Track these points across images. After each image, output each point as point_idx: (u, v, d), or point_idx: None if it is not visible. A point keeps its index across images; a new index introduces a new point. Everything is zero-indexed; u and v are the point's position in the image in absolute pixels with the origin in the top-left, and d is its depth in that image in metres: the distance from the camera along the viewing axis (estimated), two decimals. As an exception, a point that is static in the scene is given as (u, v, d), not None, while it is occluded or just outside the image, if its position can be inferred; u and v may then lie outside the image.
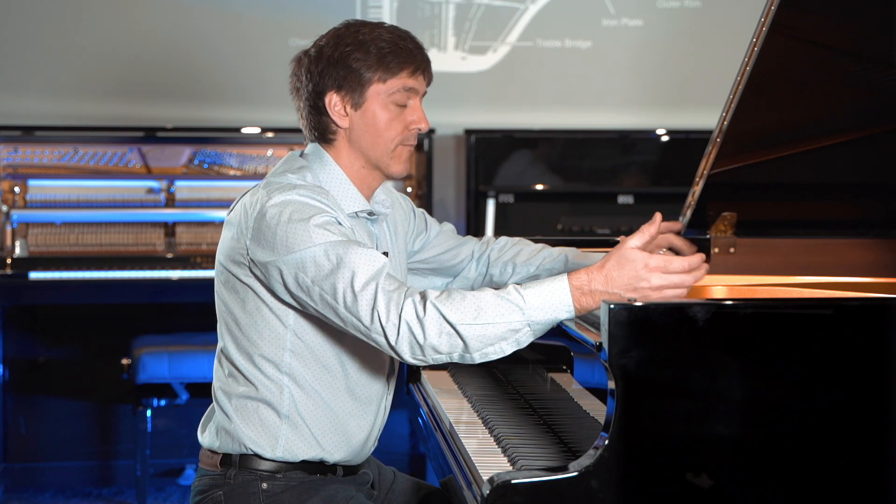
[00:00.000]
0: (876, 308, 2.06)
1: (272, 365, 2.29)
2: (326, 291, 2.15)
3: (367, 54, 2.32)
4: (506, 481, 2.00)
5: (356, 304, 2.12)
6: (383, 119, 2.34)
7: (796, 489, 2.02)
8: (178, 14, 5.29)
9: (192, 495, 2.39)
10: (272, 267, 2.21)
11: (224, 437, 2.33)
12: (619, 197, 5.25)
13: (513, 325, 2.07)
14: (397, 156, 2.37)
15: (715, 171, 2.87)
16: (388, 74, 2.32)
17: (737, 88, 2.69)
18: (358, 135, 2.36)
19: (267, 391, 2.30)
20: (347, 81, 2.33)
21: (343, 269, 2.14)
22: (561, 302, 2.07)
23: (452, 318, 2.07)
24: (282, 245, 2.18)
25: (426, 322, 2.08)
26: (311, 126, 2.43)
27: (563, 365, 2.72)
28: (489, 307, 2.07)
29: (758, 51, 2.61)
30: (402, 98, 2.35)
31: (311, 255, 2.16)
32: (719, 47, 5.48)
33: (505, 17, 5.45)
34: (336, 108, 2.36)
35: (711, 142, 2.82)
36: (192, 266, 4.84)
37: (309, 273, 2.16)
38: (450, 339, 2.07)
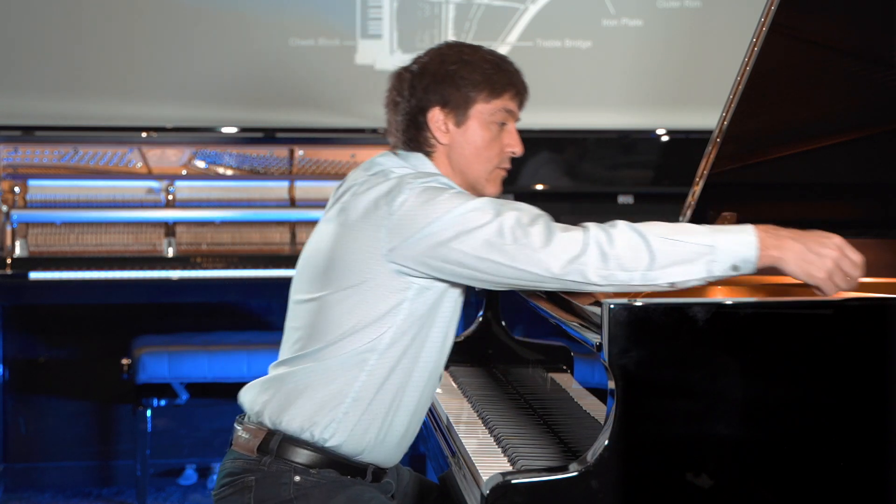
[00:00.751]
0: (876, 308, 2.06)
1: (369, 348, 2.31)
2: (492, 233, 2.17)
3: (474, 73, 2.37)
4: (506, 481, 2.00)
5: (527, 234, 2.16)
6: (483, 138, 2.39)
7: (796, 489, 2.02)
8: (178, 14, 5.28)
9: (222, 475, 2.40)
10: (419, 238, 2.21)
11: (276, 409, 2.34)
12: (619, 197, 5.25)
13: (700, 247, 2.12)
14: (493, 178, 2.43)
15: (715, 172, 2.87)
16: (493, 95, 2.38)
17: (737, 88, 2.69)
18: (457, 152, 2.40)
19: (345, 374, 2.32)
20: (453, 98, 2.37)
21: (506, 212, 2.19)
22: (747, 237, 2.12)
23: (642, 229, 2.14)
24: (436, 210, 2.21)
25: (614, 234, 2.14)
26: (406, 139, 2.43)
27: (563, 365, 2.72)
28: (678, 227, 2.15)
29: (758, 51, 2.61)
30: (500, 119, 2.40)
31: (470, 207, 2.20)
32: (719, 47, 5.48)
33: (505, 17, 5.45)
34: (438, 123, 2.39)
35: (711, 142, 2.82)
36: (192, 266, 4.84)
37: (470, 224, 2.18)
38: (636, 253, 2.12)
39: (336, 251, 2.33)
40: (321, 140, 5.17)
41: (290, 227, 5.03)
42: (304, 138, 5.16)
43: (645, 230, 2.15)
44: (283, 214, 5.05)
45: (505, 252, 2.17)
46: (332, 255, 2.33)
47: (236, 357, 4.62)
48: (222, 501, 2.38)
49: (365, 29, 5.31)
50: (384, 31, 5.36)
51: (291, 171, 5.14)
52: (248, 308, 5.23)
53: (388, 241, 2.25)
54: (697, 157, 2.92)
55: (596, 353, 2.05)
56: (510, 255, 2.17)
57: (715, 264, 2.12)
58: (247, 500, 2.33)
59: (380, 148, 5.15)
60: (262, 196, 5.10)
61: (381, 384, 2.33)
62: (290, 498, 2.32)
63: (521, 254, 2.16)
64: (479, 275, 2.22)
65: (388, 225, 2.25)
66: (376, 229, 2.27)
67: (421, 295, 2.30)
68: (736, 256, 2.12)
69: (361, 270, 2.28)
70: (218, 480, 2.42)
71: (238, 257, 4.90)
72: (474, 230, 2.18)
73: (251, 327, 5.10)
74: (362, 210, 2.30)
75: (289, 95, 5.31)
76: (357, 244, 2.29)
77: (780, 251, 2.12)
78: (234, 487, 2.36)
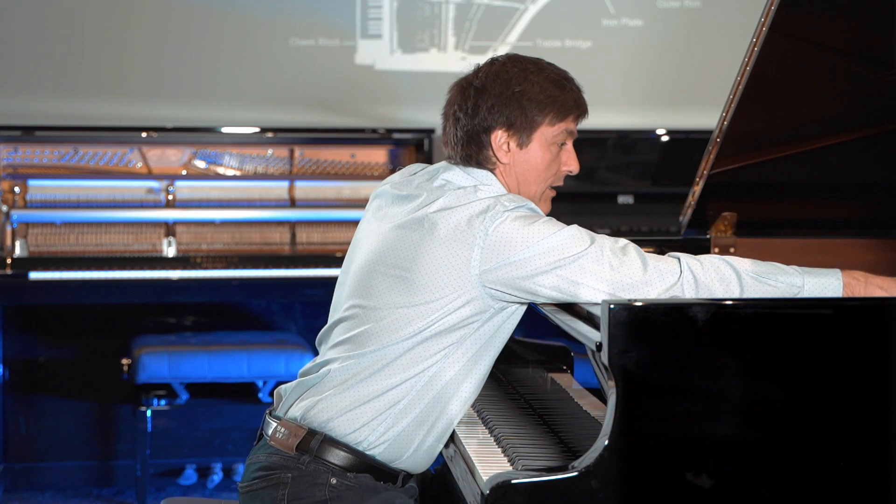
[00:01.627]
0: (876, 308, 2.06)
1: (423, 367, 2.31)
2: (590, 260, 2.20)
3: (540, 96, 2.37)
4: (506, 481, 2.00)
5: (623, 265, 2.19)
6: (544, 160, 2.40)
7: (796, 489, 2.02)
8: (179, 14, 5.28)
9: (254, 468, 2.39)
10: (517, 262, 2.22)
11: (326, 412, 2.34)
12: (619, 197, 5.25)
13: (791, 289, 2.19)
14: (546, 198, 2.45)
15: (715, 171, 2.87)
16: (557, 118, 2.38)
17: (737, 88, 2.69)
18: (517, 171, 2.40)
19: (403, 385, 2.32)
20: (518, 121, 2.37)
21: (599, 240, 2.23)
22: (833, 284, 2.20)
23: (734, 263, 2.20)
24: (532, 237, 2.22)
25: (706, 264, 2.20)
26: (465, 154, 2.42)
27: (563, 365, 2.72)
28: (768, 266, 2.21)
29: (758, 51, 2.61)
30: (562, 139, 2.41)
31: (566, 234, 2.23)
32: (719, 47, 5.48)
33: (505, 17, 5.45)
34: (501, 144, 2.39)
35: (711, 142, 2.82)
36: (192, 266, 4.84)
37: (567, 250, 2.21)
38: (727, 286, 2.18)
39: (419, 265, 2.30)
40: (321, 140, 5.17)
41: (290, 227, 5.03)
42: (304, 138, 5.16)
43: (736, 264, 2.20)
44: (283, 214, 5.05)
45: (603, 279, 2.19)
46: (414, 268, 2.30)
47: (236, 357, 4.62)
48: (253, 493, 2.37)
49: (365, 29, 5.31)
50: (384, 31, 5.36)
51: (291, 171, 5.14)
52: (248, 308, 5.23)
53: (481, 263, 2.25)
54: (697, 157, 2.92)
55: (596, 352, 2.05)
56: (609, 282, 2.19)
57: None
58: (280, 496, 2.33)
59: (380, 148, 5.17)
60: (262, 196, 5.10)
61: (435, 396, 2.33)
62: (324, 499, 2.32)
63: (619, 280, 2.18)
64: (573, 300, 2.23)
65: (483, 245, 2.25)
66: (468, 248, 2.26)
67: (494, 317, 2.32)
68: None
69: (444, 286, 2.28)
70: (248, 472, 2.41)
71: (238, 257, 4.90)
72: (573, 257, 2.20)
73: (251, 327, 5.10)
74: (453, 227, 2.28)
75: (289, 95, 5.31)
76: (445, 262, 2.28)
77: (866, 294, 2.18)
78: (267, 482, 2.36)
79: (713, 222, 3.04)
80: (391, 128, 5.18)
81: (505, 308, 2.32)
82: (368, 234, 2.44)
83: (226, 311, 5.19)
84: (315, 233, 5.03)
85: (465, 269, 2.26)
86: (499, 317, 2.33)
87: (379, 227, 2.42)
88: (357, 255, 2.45)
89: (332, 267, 4.82)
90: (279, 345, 4.74)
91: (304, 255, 4.95)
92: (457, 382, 2.34)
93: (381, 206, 2.46)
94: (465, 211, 2.28)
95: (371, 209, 2.49)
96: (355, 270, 2.43)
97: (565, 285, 2.21)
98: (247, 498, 2.39)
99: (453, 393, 2.35)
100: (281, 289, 4.88)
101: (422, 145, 5.12)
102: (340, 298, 2.47)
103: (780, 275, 2.19)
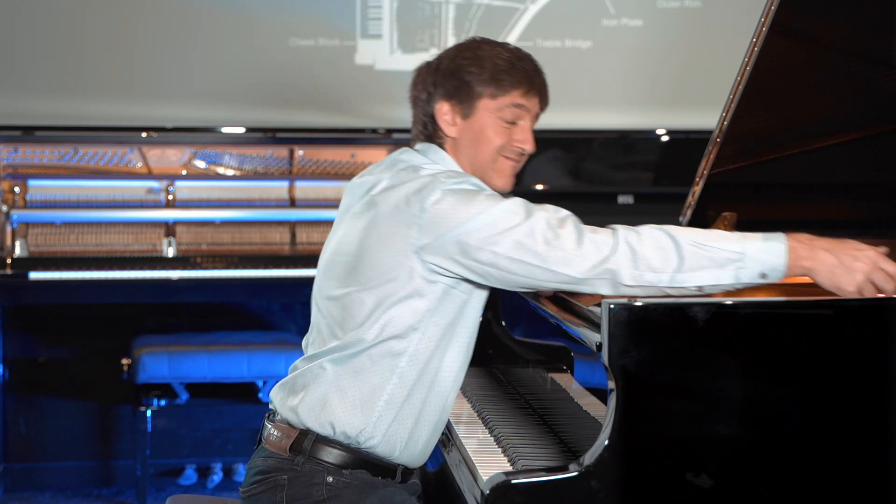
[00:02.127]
0: (876, 308, 2.06)
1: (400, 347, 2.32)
2: (523, 234, 2.20)
3: (482, 70, 2.39)
4: (506, 481, 2.00)
5: (558, 237, 2.19)
6: (489, 130, 2.41)
7: (796, 489, 2.02)
8: (179, 14, 5.28)
9: (252, 472, 2.40)
10: (454, 235, 2.23)
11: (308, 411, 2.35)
12: (619, 197, 5.25)
13: (729, 253, 2.15)
14: (499, 169, 2.42)
15: (715, 171, 2.87)
16: (499, 91, 2.39)
17: (737, 88, 2.69)
18: (464, 143, 2.42)
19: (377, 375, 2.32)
20: (458, 92, 2.40)
21: (536, 213, 2.22)
22: (777, 246, 2.16)
23: (672, 232, 2.17)
24: (467, 211, 2.23)
25: (643, 235, 2.17)
26: (420, 132, 2.48)
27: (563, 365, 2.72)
28: (708, 232, 2.18)
29: (758, 51, 2.61)
30: (511, 115, 2.41)
31: (501, 208, 2.22)
32: (719, 47, 5.48)
33: (505, 17, 5.45)
34: (445, 116, 2.42)
35: (711, 142, 2.82)
36: (192, 266, 4.84)
37: (500, 225, 2.21)
38: (665, 255, 2.14)
39: (365, 247, 2.34)
40: (321, 140, 5.17)
41: (290, 227, 5.03)
42: (304, 138, 5.16)
43: (675, 233, 2.18)
44: (283, 214, 5.05)
45: (536, 254, 2.20)
46: (361, 251, 2.34)
47: (236, 357, 4.62)
48: (252, 499, 2.38)
49: (365, 29, 5.31)
50: (384, 31, 5.36)
51: (291, 171, 5.14)
52: (248, 308, 5.23)
53: (419, 239, 2.27)
54: (697, 157, 2.92)
55: (596, 353, 2.05)
56: (541, 257, 2.19)
57: (743, 271, 2.15)
58: (279, 499, 2.34)
59: (380, 148, 5.16)
60: (262, 196, 5.10)
61: (413, 385, 2.33)
62: (322, 498, 2.32)
63: (553, 255, 2.19)
64: (509, 276, 2.23)
65: (420, 223, 2.26)
66: (407, 226, 2.28)
67: (448, 295, 2.32)
68: (765, 264, 2.15)
69: (391, 267, 2.30)
70: (247, 478, 2.42)
71: (238, 257, 4.90)
72: (506, 231, 2.21)
73: (251, 327, 5.10)
74: (392, 206, 2.31)
75: (289, 95, 5.31)
76: (386, 240, 2.30)
77: (811, 262, 2.16)
78: (265, 485, 2.37)
79: (713, 222, 3.03)
80: (391, 128, 5.18)
81: (455, 288, 2.32)
82: (333, 232, 2.48)
83: (226, 311, 5.19)
84: (315, 233, 5.03)
85: (406, 247, 2.28)
86: (453, 297, 2.32)
87: (339, 221, 2.46)
88: (325, 254, 2.48)
89: (332, 267, 4.82)
90: (279, 345, 4.74)
91: (304, 255, 4.95)
92: (431, 371, 2.34)
93: (345, 201, 2.49)
94: (404, 189, 2.31)
95: (341, 208, 2.52)
96: (321, 269, 2.47)
97: (501, 261, 2.21)
98: (248, 503, 2.40)
99: (432, 380, 2.35)
100: (281, 289, 4.89)
101: (422, 145, 5.11)
102: (314, 297, 2.50)
103: (719, 240, 2.17)
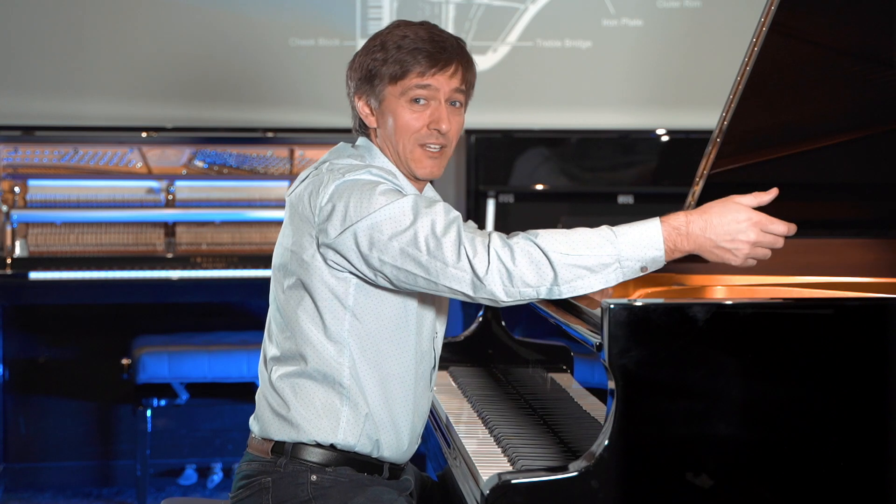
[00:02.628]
0: (876, 308, 2.06)
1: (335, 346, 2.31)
2: (406, 243, 2.18)
3: (385, 54, 2.36)
4: (506, 481, 2.00)
5: (440, 247, 2.17)
6: (401, 118, 2.36)
7: (796, 489, 2.02)
8: (179, 14, 5.28)
9: (238, 478, 2.41)
10: (345, 237, 2.23)
11: (280, 425, 2.35)
12: (619, 197, 5.25)
13: (603, 258, 2.13)
14: (419, 157, 2.38)
15: (715, 171, 2.87)
16: (396, 77, 2.35)
17: (737, 88, 2.69)
18: (384, 133, 2.40)
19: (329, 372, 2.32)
20: (365, 83, 2.39)
21: (421, 219, 2.19)
22: (652, 239, 2.13)
23: (543, 245, 2.14)
24: (355, 211, 2.22)
25: (516, 251, 2.14)
26: (356, 129, 2.48)
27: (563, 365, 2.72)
28: (579, 239, 2.14)
29: (758, 51, 2.60)
30: (418, 96, 2.35)
31: (387, 213, 2.21)
32: (719, 47, 5.48)
33: (505, 17, 5.45)
34: (362, 109, 2.41)
35: (711, 142, 2.82)
36: (192, 266, 4.84)
37: (385, 231, 2.20)
38: (539, 270, 2.13)
39: (282, 247, 2.37)
40: (321, 140, 5.17)
41: (290, 227, 5.03)
42: (304, 138, 5.16)
43: (546, 245, 2.14)
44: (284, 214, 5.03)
45: (420, 264, 2.19)
46: (279, 251, 2.39)
47: (236, 357, 4.62)
48: (240, 503, 2.38)
49: (365, 29, 5.31)
50: (384, 31, 5.35)
51: (291, 171, 5.14)
52: (248, 308, 5.23)
53: (318, 237, 2.28)
54: (697, 157, 2.91)
55: (596, 353, 2.05)
56: (425, 268, 2.19)
57: (621, 271, 2.15)
58: (265, 502, 2.34)
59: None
60: (262, 196, 5.10)
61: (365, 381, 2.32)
62: (308, 498, 2.32)
63: (434, 267, 2.18)
64: (397, 282, 2.24)
65: (316, 221, 2.28)
66: (309, 225, 2.30)
67: (364, 288, 2.31)
68: (643, 259, 2.15)
69: (301, 265, 2.31)
70: (234, 483, 2.42)
71: (238, 257, 4.90)
72: (392, 238, 2.20)
73: (251, 327, 5.10)
74: (295, 204, 2.34)
75: (289, 95, 5.31)
76: (293, 240, 2.33)
77: (690, 245, 2.15)
78: (251, 489, 2.36)
79: (713, 222, 3.03)
80: (391, 128, 5.18)
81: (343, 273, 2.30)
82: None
83: (226, 311, 5.19)
84: (315, 233, 5.03)
85: (311, 245, 2.29)
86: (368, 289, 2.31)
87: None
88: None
89: (332, 267, 4.82)
90: (279, 345, 4.74)
91: (304, 255, 4.95)
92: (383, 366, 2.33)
93: None
94: (303, 188, 2.33)
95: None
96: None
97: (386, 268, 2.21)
98: None
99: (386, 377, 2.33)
100: (281, 289, 4.88)
101: (422, 145, 5.11)
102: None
103: (590, 247, 2.13)
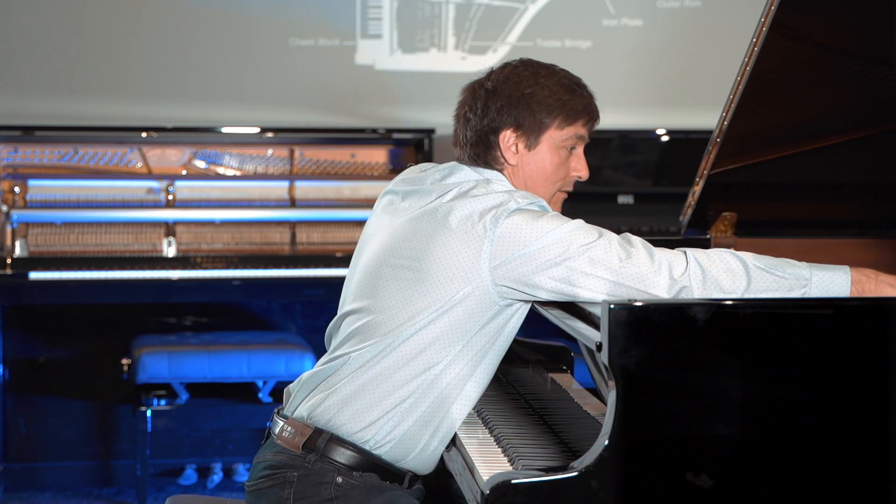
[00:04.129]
0: (876, 308, 2.06)
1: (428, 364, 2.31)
2: (597, 252, 2.20)
3: (549, 99, 2.39)
4: (506, 481, 2.00)
5: (630, 256, 2.20)
6: (552, 163, 2.41)
7: (796, 489, 2.02)
8: (179, 14, 5.28)
9: (260, 467, 2.40)
10: (525, 254, 2.22)
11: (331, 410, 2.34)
12: (619, 197, 5.25)
13: (797, 280, 2.19)
14: (556, 201, 2.43)
15: (715, 171, 2.87)
16: (566, 122, 2.40)
17: (737, 88, 2.69)
18: (525, 173, 2.41)
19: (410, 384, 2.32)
20: (526, 122, 2.39)
21: (607, 234, 2.24)
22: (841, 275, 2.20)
23: (742, 256, 2.20)
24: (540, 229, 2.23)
25: (713, 255, 2.21)
26: (474, 154, 2.43)
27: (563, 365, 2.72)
28: (777, 259, 2.22)
29: (758, 51, 2.61)
30: (572, 144, 2.42)
31: (576, 225, 2.24)
32: (719, 47, 5.48)
33: (505, 17, 5.45)
34: (509, 145, 2.40)
35: (711, 142, 2.82)
36: (192, 266, 4.84)
37: (575, 242, 2.21)
38: (734, 276, 2.18)
39: (429, 254, 2.30)
40: (321, 140, 5.17)
41: (290, 227, 5.03)
42: (304, 138, 5.16)
43: (744, 256, 2.21)
44: (283, 214, 5.04)
45: (612, 269, 2.20)
46: (422, 256, 2.31)
47: (236, 357, 4.62)
48: (259, 493, 2.38)
49: (365, 29, 5.31)
50: (384, 31, 5.36)
51: (291, 171, 5.14)
52: (248, 308, 5.23)
53: (492, 258, 2.25)
54: (697, 157, 2.92)
55: (596, 352, 2.05)
56: (617, 273, 2.19)
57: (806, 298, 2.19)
58: (286, 495, 2.34)
59: (380, 148, 5.16)
60: (262, 196, 5.10)
61: (438, 396, 2.34)
62: (329, 497, 2.32)
63: (627, 271, 2.19)
64: (583, 292, 2.22)
65: (493, 239, 2.25)
66: (479, 241, 2.26)
67: (498, 315, 2.32)
68: (829, 293, 2.18)
69: (452, 277, 2.28)
70: (255, 471, 2.41)
71: (238, 257, 4.90)
72: (581, 248, 2.21)
73: (251, 327, 5.10)
74: (465, 217, 2.28)
75: (289, 95, 5.31)
76: (454, 251, 2.28)
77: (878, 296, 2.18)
78: (274, 480, 2.36)
79: (713, 222, 3.04)
80: (391, 128, 5.18)
81: (509, 306, 2.32)
82: (378, 230, 2.44)
83: (226, 311, 5.19)
84: (315, 233, 5.03)
85: (476, 262, 2.26)
86: (502, 315, 2.32)
87: (391, 221, 2.42)
88: (366, 252, 2.45)
89: (332, 267, 4.82)
90: (279, 345, 4.74)
91: (304, 255, 4.95)
92: (460, 383, 2.34)
93: (393, 202, 2.45)
94: (478, 203, 2.29)
95: (381, 205, 2.49)
96: (363, 266, 2.43)
97: (576, 276, 2.21)
98: (253, 497, 2.40)
99: (457, 394, 2.35)
100: (281, 289, 4.89)
101: (422, 145, 5.12)
102: (347, 295, 2.47)
103: (787, 267, 2.20)
